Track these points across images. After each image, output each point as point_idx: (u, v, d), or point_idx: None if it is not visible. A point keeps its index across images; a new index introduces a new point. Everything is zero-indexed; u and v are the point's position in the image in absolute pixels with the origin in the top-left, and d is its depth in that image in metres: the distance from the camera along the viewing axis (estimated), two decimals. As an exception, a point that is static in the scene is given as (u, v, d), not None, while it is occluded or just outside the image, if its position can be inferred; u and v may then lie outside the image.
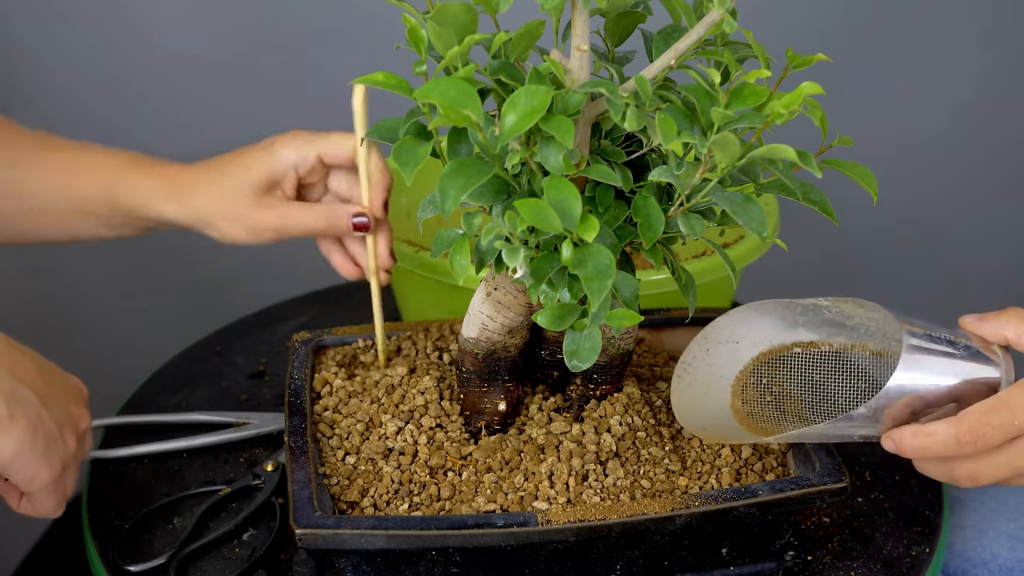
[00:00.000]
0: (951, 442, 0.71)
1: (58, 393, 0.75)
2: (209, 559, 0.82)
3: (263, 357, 1.10)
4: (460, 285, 0.93)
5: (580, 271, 0.64)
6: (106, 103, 1.44)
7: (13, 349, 0.74)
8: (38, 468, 0.73)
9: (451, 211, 0.62)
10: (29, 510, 0.77)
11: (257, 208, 0.89)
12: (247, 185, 0.89)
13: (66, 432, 0.75)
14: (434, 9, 0.63)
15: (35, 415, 0.72)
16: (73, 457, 0.76)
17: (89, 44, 1.40)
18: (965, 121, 1.59)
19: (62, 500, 0.77)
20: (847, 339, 0.81)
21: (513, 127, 0.60)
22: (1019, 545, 0.93)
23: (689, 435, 0.81)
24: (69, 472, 0.76)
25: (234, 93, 1.46)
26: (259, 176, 0.89)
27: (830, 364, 0.82)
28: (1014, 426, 0.70)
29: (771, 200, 1.06)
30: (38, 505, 0.76)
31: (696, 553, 0.78)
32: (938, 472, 0.75)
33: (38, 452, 0.72)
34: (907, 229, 1.63)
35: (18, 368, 0.73)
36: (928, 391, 0.73)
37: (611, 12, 0.70)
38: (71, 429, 0.76)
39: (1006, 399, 0.71)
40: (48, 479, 0.74)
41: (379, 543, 0.70)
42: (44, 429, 0.73)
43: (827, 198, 0.71)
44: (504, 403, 0.81)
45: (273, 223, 0.89)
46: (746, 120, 0.63)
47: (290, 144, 0.89)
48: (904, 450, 0.73)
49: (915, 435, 0.72)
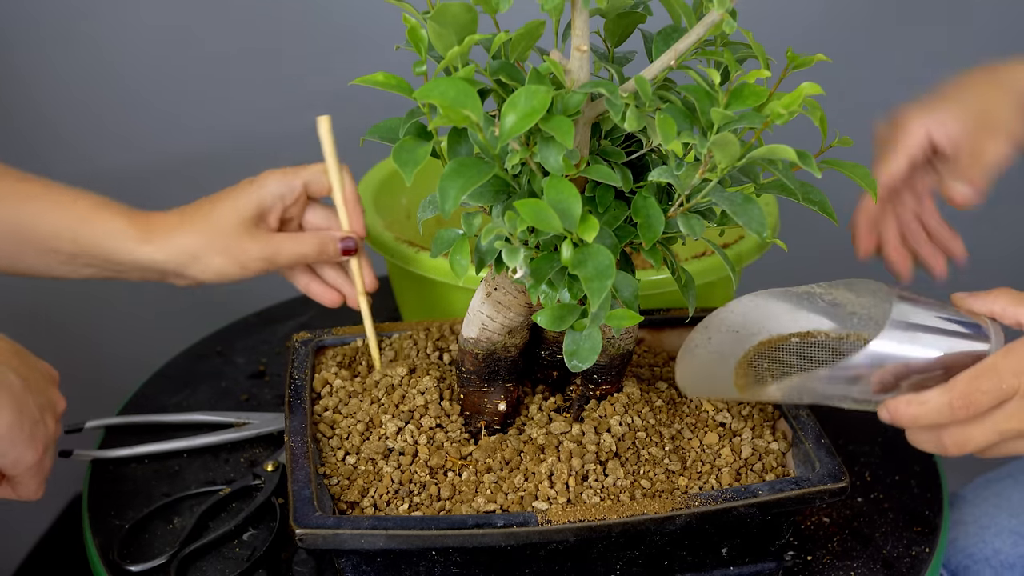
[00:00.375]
0: (944, 409, 0.72)
1: (37, 376, 0.77)
2: (209, 559, 0.82)
3: (263, 357, 1.10)
4: (460, 285, 0.93)
5: (580, 271, 0.64)
6: (107, 104, 1.43)
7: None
8: (24, 450, 0.74)
9: (451, 211, 0.62)
10: (10, 494, 0.78)
11: (246, 241, 0.89)
12: (236, 218, 0.89)
13: (47, 415, 0.76)
14: (434, 9, 0.63)
15: (20, 398, 0.73)
16: (53, 439, 0.78)
17: (91, 45, 1.40)
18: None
19: (43, 482, 0.78)
20: (841, 328, 0.83)
21: (513, 127, 0.60)
22: (1021, 541, 0.94)
23: (688, 437, 0.82)
24: (49, 454, 0.78)
25: (233, 93, 1.46)
26: (247, 209, 0.89)
27: (827, 353, 0.82)
28: (1002, 390, 0.72)
29: (771, 200, 1.06)
30: (21, 488, 0.77)
31: (696, 553, 0.78)
32: (928, 440, 0.75)
33: (24, 434, 0.73)
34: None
35: (1, 353, 0.74)
36: (916, 359, 0.74)
37: (611, 12, 0.70)
38: (51, 412, 0.77)
39: (993, 364, 0.72)
40: (32, 461, 0.75)
41: (379, 543, 0.70)
42: (28, 412, 0.74)
43: (827, 198, 0.71)
44: (504, 403, 0.81)
45: (263, 253, 0.89)
46: (746, 120, 0.63)
47: (277, 177, 0.91)
48: (900, 419, 0.74)
49: (909, 404, 0.73)
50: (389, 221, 1.03)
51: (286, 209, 0.92)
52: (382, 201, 1.07)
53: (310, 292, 0.96)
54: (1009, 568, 0.92)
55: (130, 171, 1.44)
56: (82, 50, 1.40)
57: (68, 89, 1.42)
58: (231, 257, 0.89)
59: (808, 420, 0.81)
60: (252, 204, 0.90)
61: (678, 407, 0.84)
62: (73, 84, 1.42)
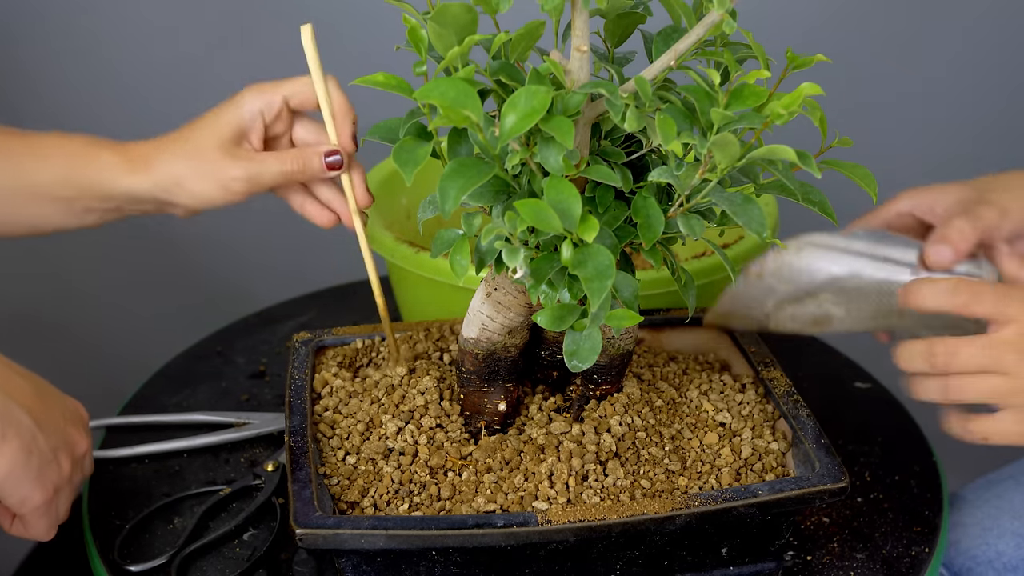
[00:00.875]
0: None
1: (55, 416, 0.75)
2: (210, 559, 0.82)
3: (264, 357, 1.10)
4: (460, 285, 0.93)
5: (580, 271, 0.64)
6: (104, 103, 1.44)
7: (10, 371, 0.73)
8: (30, 490, 0.72)
9: (451, 211, 0.62)
10: (21, 532, 0.76)
11: (227, 161, 0.86)
12: (215, 140, 0.86)
13: (61, 455, 0.74)
14: (434, 10, 0.63)
15: (29, 437, 0.71)
16: (67, 480, 0.75)
17: (88, 42, 1.40)
18: (966, 121, 1.59)
19: (54, 523, 0.76)
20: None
21: (513, 128, 0.60)
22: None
23: (688, 437, 0.82)
24: (63, 495, 0.76)
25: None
26: (226, 128, 0.86)
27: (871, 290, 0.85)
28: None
29: (770, 200, 1.07)
30: (29, 527, 0.75)
31: (696, 553, 0.78)
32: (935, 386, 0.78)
33: (31, 474, 0.72)
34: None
35: (14, 389, 0.72)
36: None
37: (611, 13, 0.70)
38: (66, 452, 0.75)
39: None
40: (40, 501, 0.73)
41: (379, 543, 0.70)
42: (38, 451, 0.72)
43: (827, 198, 0.71)
44: (504, 403, 0.81)
45: (245, 173, 0.86)
46: (746, 121, 0.63)
47: (255, 93, 0.87)
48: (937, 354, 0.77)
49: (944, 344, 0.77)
50: (389, 221, 1.04)
51: (269, 126, 0.88)
52: (382, 201, 1.07)
53: (304, 212, 0.91)
54: (1012, 571, 0.92)
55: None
56: (82, 49, 1.40)
57: (71, 84, 1.42)
58: (212, 180, 0.86)
59: (808, 420, 0.81)
60: (231, 124, 0.86)
61: (678, 407, 0.84)
62: (74, 79, 1.42)
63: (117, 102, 1.44)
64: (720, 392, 0.86)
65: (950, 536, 0.95)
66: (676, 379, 0.88)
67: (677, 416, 0.84)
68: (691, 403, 0.85)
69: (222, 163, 0.86)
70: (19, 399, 0.72)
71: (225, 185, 0.86)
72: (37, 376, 0.76)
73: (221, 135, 0.86)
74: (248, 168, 0.86)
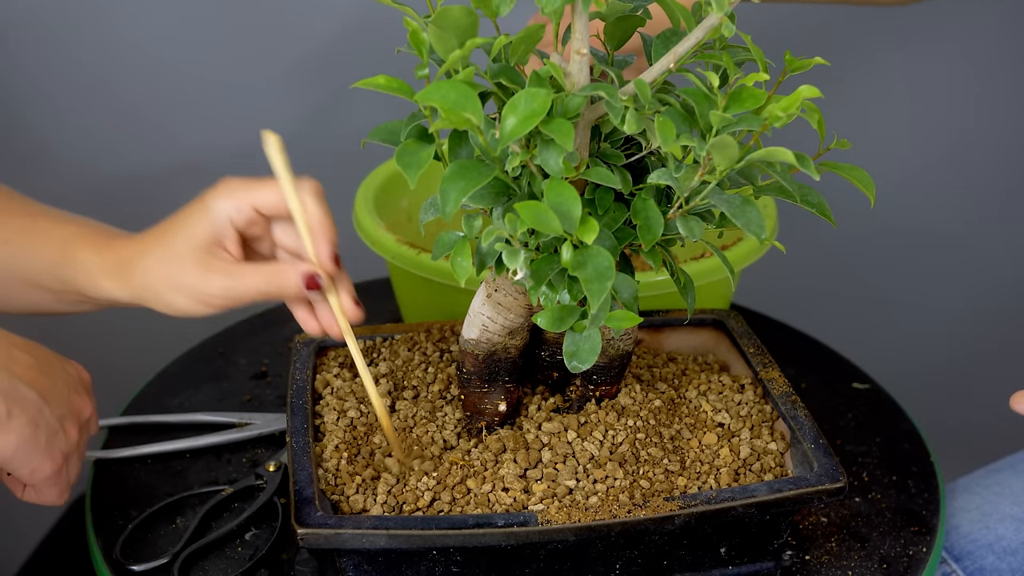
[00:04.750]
0: None
1: (59, 385, 0.75)
2: (212, 559, 0.83)
3: (265, 358, 1.10)
4: (461, 287, 0.94)
5: (580, 273, 0.64)
6: (99, 113, 1.43)
7: (12, 346, 0.74)
8: (40, 462, 0.73)
9: (452, 213, 0.63)
10: (34, 498, 0.77)
11: (203, 274, 0.78)
12: (189, 248, 0.78)
13: (68, 424, 0.75)
14: (435, 13, 0.64)
15: (35, 411, 0.72)
16: (76, 446, 0.77)
17: (82, 55, 1.40)
18: (965, 123, 1.60)
19: (66, 489, 0.77)
20: None
21: (513, 130, 0.60)
22: (1023, 527, 0.95)
23: (687, 437, 0.82)
24: (72, 461, 0.77)
25: (228, 100, 1.46)
26: (199, 237, 0.78)
27: None
28: None
29: (769, 202, 1.07)
30: (41, 495, 0.77)
31: (695, 553, 0.78)
32: None
33: (39, 447, 0.73)
34: (905, 230, 1.64)
35: (17, 365, 0.73)
36: None
37: (610, 16, 0.71)
38: (73, 420, 0.76)
39: None
40: (51, 471, 0.74)
41: (380, 543, 0.71)
42: (45, 423, 0.73)
43: (825, 200, 0.71)
44: (504, 403, 0.82)
45: (222, 289, 0.78)
46: (744, 123, 0.64)
47: (225, 195, 0.78)
48: None
49: None
50: (390, 223, 1.04)
51: (243, 231, 0.79)
52: (383, 203, 1.07)
53: (295, 316, 0.82)
54: (1012, 554, 0.93)
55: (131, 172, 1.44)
56: (76, 62, 1.39)
57: (70, 89, 1.43)
58: (191, 296, 0.79)
59: (806, 421, 0.81)
60: (204, 232, 0.78)
61: (677, 408, 0.85)
62: (67, 95, 1.42)
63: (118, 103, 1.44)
64: (719, 393, 0.86)
65: (950, 521, 0.96)
66: (675, 380, 0.88)
67: (676, 416, 0.84)
68: (690, 403, 0.85)
69: (198, 276, 0.78)
70: (23, 374, 0.72)
71: (203, 300, 0.79)
72: (37, 345, 0.76)
73: (195, 244, 0.78)
74: (224, 284, 0.78)
